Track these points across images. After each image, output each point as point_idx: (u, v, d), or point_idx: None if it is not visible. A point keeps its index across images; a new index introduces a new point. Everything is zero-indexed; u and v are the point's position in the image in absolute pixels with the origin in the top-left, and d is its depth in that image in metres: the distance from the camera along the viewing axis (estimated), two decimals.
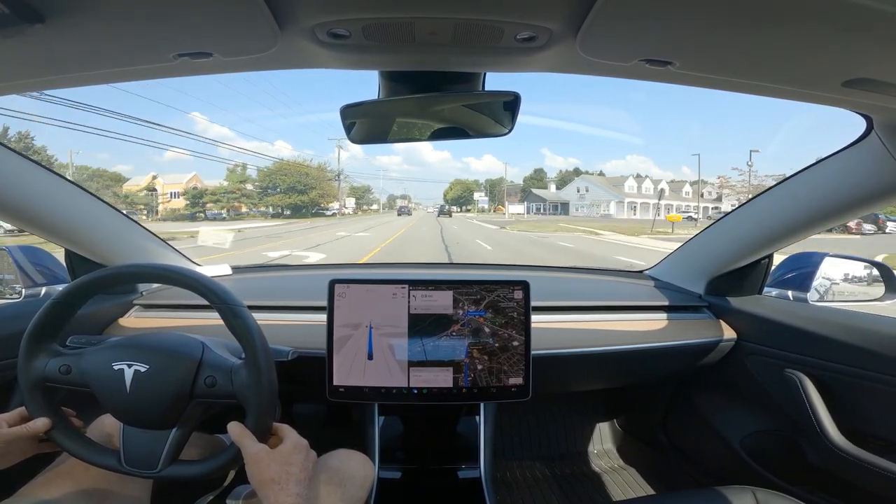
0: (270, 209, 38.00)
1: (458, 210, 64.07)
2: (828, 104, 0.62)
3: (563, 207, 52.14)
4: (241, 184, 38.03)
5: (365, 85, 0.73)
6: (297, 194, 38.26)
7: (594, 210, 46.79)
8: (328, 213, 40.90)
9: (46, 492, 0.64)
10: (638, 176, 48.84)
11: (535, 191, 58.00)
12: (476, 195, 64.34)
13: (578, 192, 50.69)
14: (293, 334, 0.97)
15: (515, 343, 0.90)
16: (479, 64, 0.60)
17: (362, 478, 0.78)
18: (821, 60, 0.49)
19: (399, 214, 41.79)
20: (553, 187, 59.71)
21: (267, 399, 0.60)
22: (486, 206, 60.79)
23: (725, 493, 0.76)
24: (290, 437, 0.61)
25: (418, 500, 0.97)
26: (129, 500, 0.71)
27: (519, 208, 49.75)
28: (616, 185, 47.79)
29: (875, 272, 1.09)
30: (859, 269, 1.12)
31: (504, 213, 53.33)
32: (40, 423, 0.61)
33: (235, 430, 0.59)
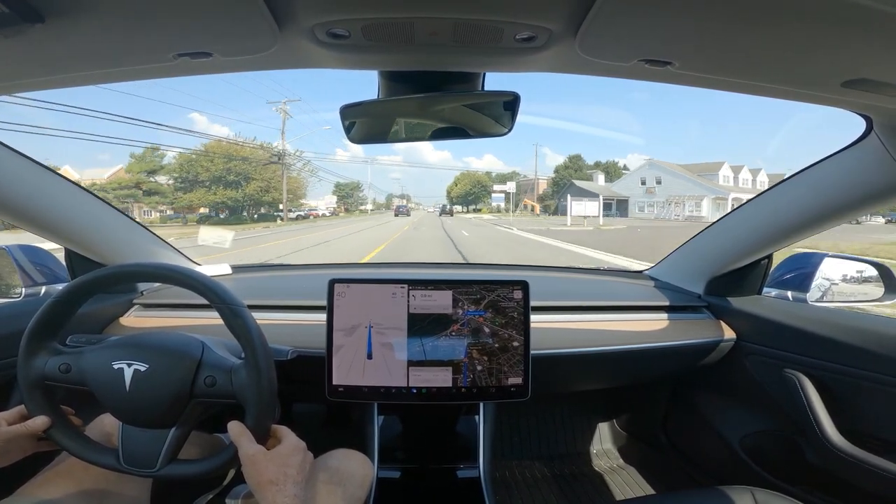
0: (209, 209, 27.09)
1: (464, 210, 53.87)
2: (827, 104, 0.62)
3: (619, 206, 37.50)
4: (150, 174, 26.08)
5: (366, 85, 0.73)
6: (227, 188, 25.93)
7: (668, 210, 33.12)
8: (281, 215, 27.70)
9: (45, 491, 0.64)
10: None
11: (578, 183, 39.22)
12: (497, 187, 42.90)
13: (644, 184, 35.94)
14: (293, 334, 0.97)
15: (516, 344, 0.90)
16: (479, 64, 0.60)
17: (361, 477, 0.78)
18: (820, 60, 0.49)
19: (396, 215, 37.07)
20: (601, 178, 42.39)
21: (266, 399, 0.60)
22: (501, 205, 43.00)
23: (725, 493, 0.76)
24: (288, 438, 0.61)
25: (417, 500, 0.98)
26: (128, 499, 0.71)
27: (590, 208, 24.91)
28: (703, 174, 33.05)
29: (874, 272, 1.09)
30: (858, 269, 1.12)
31: (538, 213, 40.87)
32: (39, 422, 0.61)
33: (235, 429, 0.59)
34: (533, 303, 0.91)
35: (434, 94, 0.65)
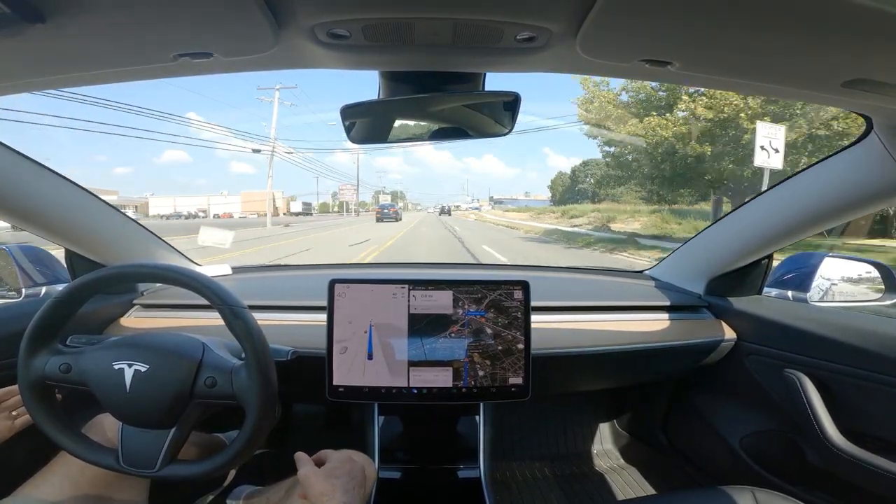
0: None
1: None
2: (828, 104, 0.62)
3: None
4: None
5: (366, 85, 0.73)
6: None
7: None
8: None
9: (43, 492, 0.65)
10: None
11: None
12: None
13: None
14: (293, 334, 0.97)
15: (521, 346, 0.90)
16: (479, 64, 0.60)
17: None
18: (821, 61, 0.49)
19: (380, 219, 26.57)
20: None
21: (267, 400, 0.60)
22: None
23: (725, 493, 0.76)
24: (332, 456, 0.68)
25: (418, 500, 0.97)
26: (127, 499, 0.71)
27: None
28: None
29: (874, 272, 1.09)
30: (859, 269, 1.12)
31: None
32: None
33: (301, 456, 0.66)
34: (533, 303, 0.91)
35: (434, 94, 0.65)
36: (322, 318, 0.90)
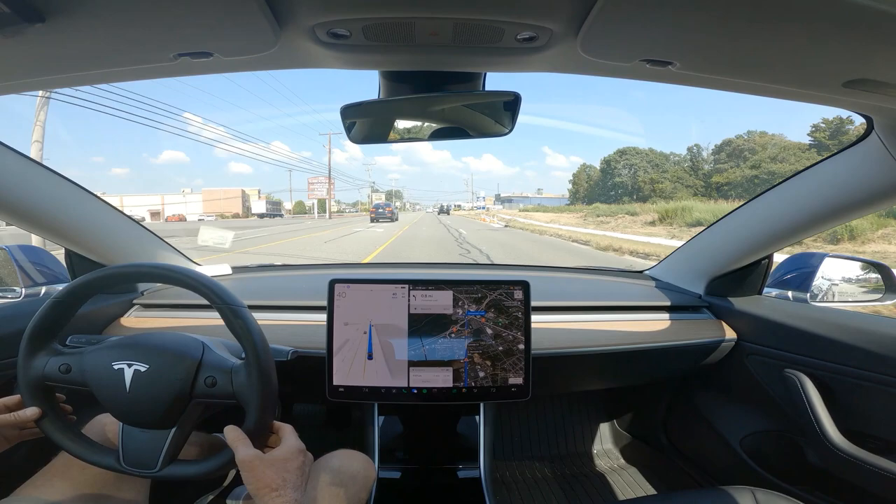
0: None
1: None
2: (828, 104, 0.62)
3: None
4: None
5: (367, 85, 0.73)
6: None
7: None
8: None
9: (44, 492, 0.64)
10: None
11: None
12: None
13: None
14: (293, 334, 0.97)
15: (521, 346, 0.90)
16: (480, 64, 0.60)
17: (363, 478, 0.78)
18: (821, 61, 0.49)
19: (374, 220, 26.16)
20: None
21: (267, 399, 0.60)
22: None
23: (726, 493, 0.76)
24: (288, 440, 0.60)
25: (418, 500, 0.98)
26: (127, 499, 0.71)
27: None
28: None
29: (874, 273, 1.09)
30: (859, 269, 1.12)
31: None
32: (29, 413, 0.61)
33: (231, 434, 0.58)
34: (533, 303, 0.91)
35: (434, 94, 0.65)
36: (322, 317, 0.90)
